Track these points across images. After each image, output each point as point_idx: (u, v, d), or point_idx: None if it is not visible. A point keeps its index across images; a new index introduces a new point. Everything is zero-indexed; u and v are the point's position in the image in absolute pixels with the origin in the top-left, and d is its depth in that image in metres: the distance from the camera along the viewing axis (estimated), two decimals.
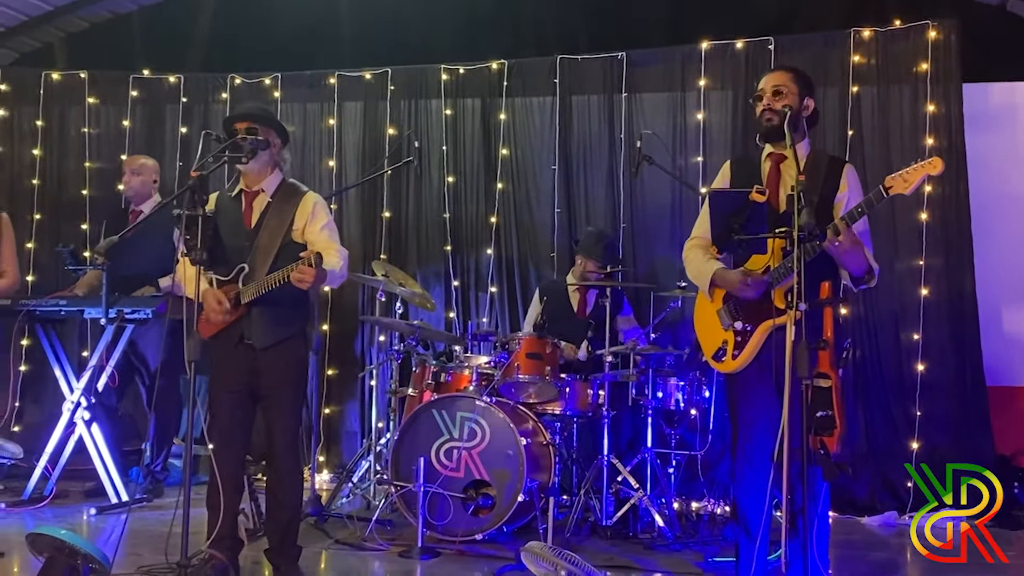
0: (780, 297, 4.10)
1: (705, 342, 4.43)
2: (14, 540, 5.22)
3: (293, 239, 4.60)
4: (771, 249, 4.09)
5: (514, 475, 5.50)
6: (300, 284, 4.30)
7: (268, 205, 4.65)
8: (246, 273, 4.54)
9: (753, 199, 3.97)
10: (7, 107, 8.24)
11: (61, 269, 7.45)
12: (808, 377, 3.65)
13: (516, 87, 7.60)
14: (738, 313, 4.24)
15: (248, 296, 4.49)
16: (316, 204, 4.67)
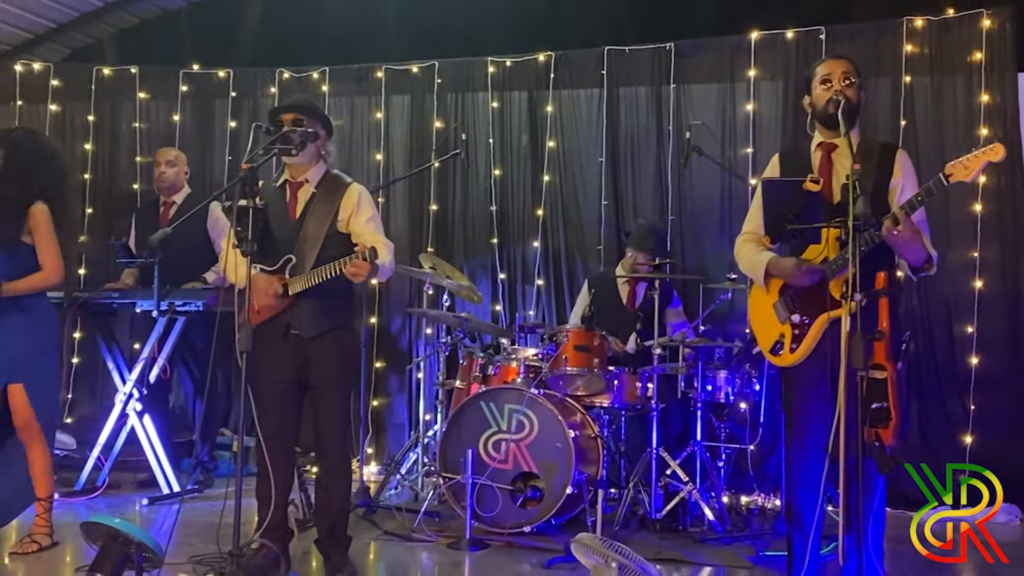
0: (838, 288, 4.04)
1: (761, 336, 4.39)
2: (68, 529, 5.29)
3: (338, 230, 4.61)
4: (826, 239, 4.03)
5: (562, 467, 5.49)
6: (354, 278, 4.32)
7: (313, 196, 4.66)
8: (293, 264, 4.55)
9: (807, 188, 3.92)
10: (59, 102, 8.34)
11: (112, 262, 7.54)
12: (863, 368, 3.60)
13: (563, 79, 7.58)
14: (795, 306, 4.19)
15: (297, 287, 4.50)
16: (361, 195, 4.68)
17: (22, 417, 4.98)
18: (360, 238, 4.55)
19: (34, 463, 5.07)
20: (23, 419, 4.98)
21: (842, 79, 4.18)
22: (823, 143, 4.26)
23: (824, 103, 4.19)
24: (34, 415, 5.00)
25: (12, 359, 4.96)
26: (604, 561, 3.82)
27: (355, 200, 4.65)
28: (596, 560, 3.88)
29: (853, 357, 3.58)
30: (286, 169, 4.74)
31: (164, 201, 7.08)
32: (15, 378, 4.95)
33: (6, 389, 4.96)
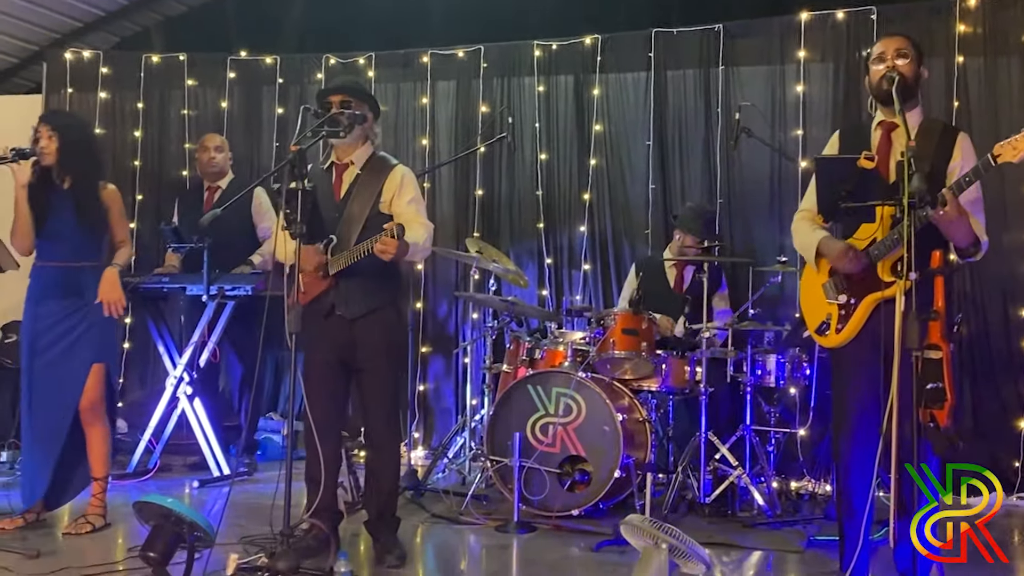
0: (886, 270, 3.99)
1: (809, 315, 4.34)
2: (120, 511, 5.34)
3: (381, 211, 4.62)
4: (880, 218, 3.97)
5: (610, 451, 5.47)
6: (382, 255, 4.32)
7: (357, 177, 4.68)
8: (335, 244, 4.57)
9: (861, 165, 3.86)
10: (109, 90, 8.41)
11: (162, 248, 7.60)
12: (918, 348, 3.55)
13: (610, 62, 7.52)
14: (843, 286, 4.14)
15: (336, 267, 4.52)
16: (404, 176, 4.69)
17: (92, 397, 5.04)
18: (400, 218, 4.55)
19: (93, 444, 5.13)
20: (93, 399, 5.05)
21: (895, 55, 4.11)
22: (883, 122, 4.19)
23: (878, 81, 4.11)
24: (103, 396, 5.07)
25: (98, 340, 5.06)
26: (654, 542, 3.80)
27: (398, 181, 4.66)
28: (646, 541, 3.86)
29: (908, 337, 3.53)
30: (333, 151, 4.76)
31: (209, 186, 7.14)
32: (100, 357, 5.04)
33: (89, 369, 5.03)
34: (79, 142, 5.13)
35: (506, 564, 4.81)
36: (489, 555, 4.96)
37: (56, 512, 5.36)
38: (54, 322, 5.05)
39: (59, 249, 5.09)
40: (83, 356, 5.02)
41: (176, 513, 4.03)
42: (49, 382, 5.04)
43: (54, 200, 5.08)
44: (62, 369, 5.02)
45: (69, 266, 5.05)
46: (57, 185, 5.10)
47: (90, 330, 5.04)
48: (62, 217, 5.05)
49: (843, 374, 4.24)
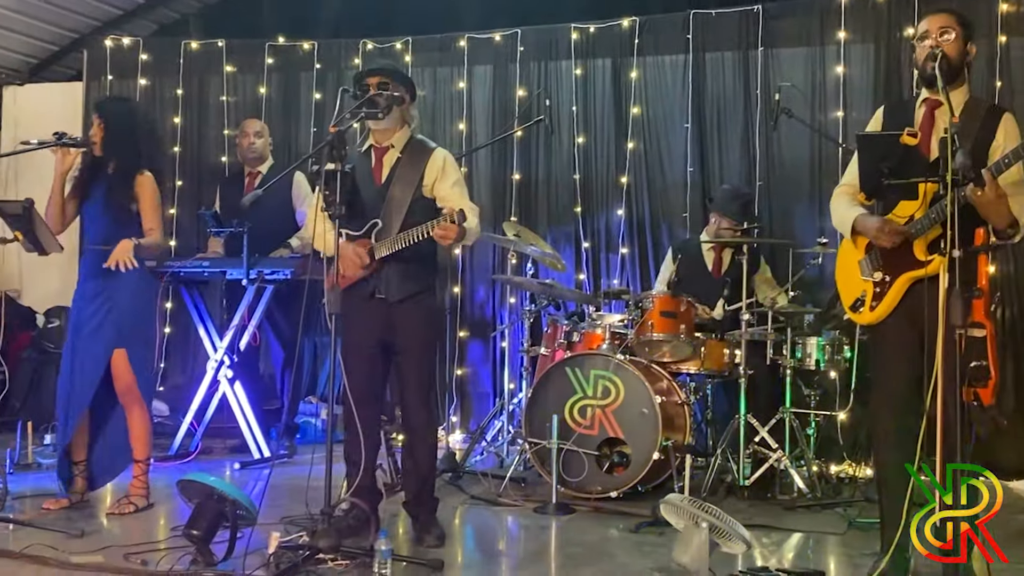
0: (922, 248, 3.94)
1: (845, 292, 4.31)
2: (162, 492, 5.41)
3: (423, 194, 4.64)
4: (922, 195, 3.93)
5: (649, 434, 5.46)
6: (442, 240, 4.35)
7: (398, 160, 4.68)
8: (379, 228, 4.58)
9: (904, 142, 3.82)
10: (148, 77, 8.47)
11: (202, 233, 7.66)
12: (962, 326, 3.51)
13: (648, 45, 7.48)
14: (879, 263, 4.11)
15: (383, 251, 4.53)
16: (446, 160, 4.70)
17: (124, 381, 5.09)
18: (446, 202, 4.57)
19: (133, 426, 5.19)
20: (125, 383, 5.10)
21: (939, 33, 4.06)
22: (927, 99, 4.14)
23: (923, 60, 4.07)
24: (135, 380, 5.12)
25: (119, 324, 5.09)
26: (694, 521, 3.79)
27: (440, 164, 4.67)
28: (686, 520, 3.85)
29: (952, 314, 3.49)
30: (371, 134, 4.76)
31: (249, 171, 7.19)
32: (121, 343, 5.08)
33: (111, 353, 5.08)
34: (122, 129, 5.18)
35: (545, 545, 4.82)
36: (528, 536, 4.97)
37: (99, 493, 5.43)
38: (85, 304, 5.14)
39: (94, 232, 5.18)
40: (105, 340, 5.08)
41: (219, 491, 4.08)
42: (73, 365, 5.12)
43: (95, 185, 5.16)
44: (82, 353, 5.09)
45: (99, 249, 5.11)
46: (103, 171, 5.17)
47: (111, 314, 5.08)
48: (98, 201, 5.14)
49: (879, 353, 4.22)
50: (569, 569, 4.34)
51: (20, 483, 5.64)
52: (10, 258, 8.58)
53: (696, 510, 3.79)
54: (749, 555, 4.32)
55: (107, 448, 5.30)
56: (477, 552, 4.74)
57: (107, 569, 4.09)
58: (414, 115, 4.83)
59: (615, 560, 4.45)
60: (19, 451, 6.32)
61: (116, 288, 5.10)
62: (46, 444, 6.69)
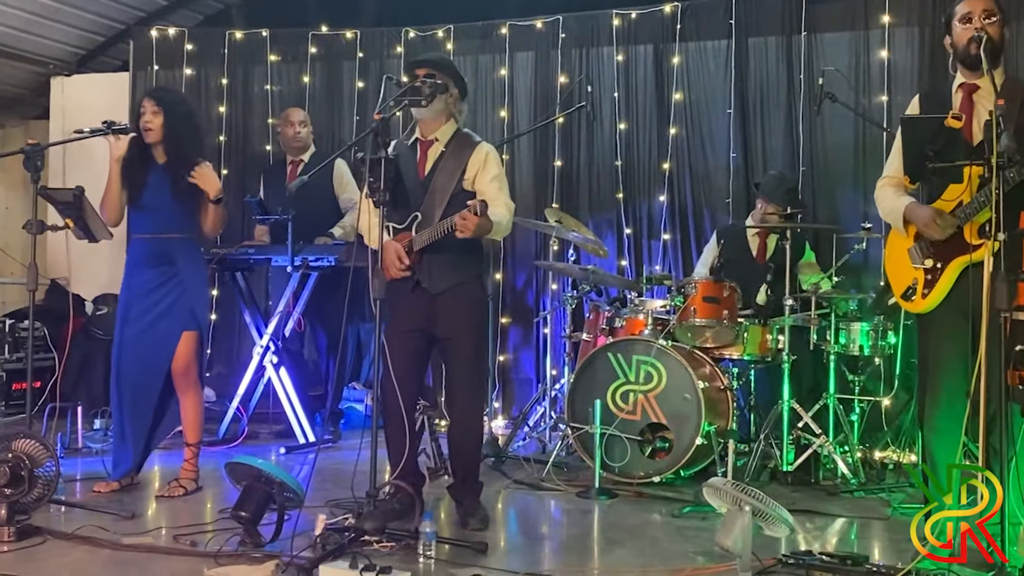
0: (973, 232, 3.92)
1: (895, 281, 4.29)
2: (210, 476, 5.49)
3: (464, 188, 4.66)
4: (967, 179, 3.90)
5: (692, 419, 5.47)
6: (462, 232, 4.35)
7: (442, 154, 4.71)
8: (419, 221, 4.62)
9: (948, 125, 3.80)
10: (193, 66, 8.56)
11: (247, 221, 7.75)
12: (1007, 309, 3.49)
13: (690, 30, 7.46)
14: (929, 250, 4.09)
15: (420, 244, 4.57)
16: (489, 154, 4.72)
17: (184, 363, 5.17)
18: (482, 196, 4.59)
19: (187, 410, 5.27)
20: (185, 365, 5.17)
21: (983, 16, 4.04)
22: (964, 84, 4.12)
23: (965, 42, 4.04)
24: (196, 363, 5.20)
25: (190, 308, 5.19)
26: (737, 505, 3.80)
27: (482, 158, 4.69)
28: (729, 504, 3.86)
29: (996, 298, 3.48)
30: (417, 127, 4.80)
31: (292, 160, 7.26)
32: (192, 325, 5.17)
33: (180, 336, 5.16)
34: (183, 118, 5.24)
35: (587, 529, 4.84)
36: (570, 520, 4.99)
37: (148, 477, 5.53)
38: (146, 292, 5.19)
39: (153, 221, 5.21)
40: (174, 324, 5.15)
41: (267, 474, 4.14)
42: (139, 351, 5.17)
43: (151, 174, 5.20)
44: (152, 338, 5.15)
45: (162, 237, 5.17)
46: (154, 160, 5.22)
47: (180, 299, 5.16)
48: (158, 191, 5.17)
49: (930, 339, 4.19)
50: (612, 553, 4.35)
51: (70, 467, 5.74)
52: (59, 247, 8.72)
53: (739, 493, 3.79)
54: (792, 539, 4.33)
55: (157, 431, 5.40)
56: (520, 535, 4.77)
57: (157, 550, 4.16)
58: (462, 110, 4.86)
59: (658, 544, 4.47)
60: (69, 435, 6.43)
61: (185, 271, 5.19)
62: (96, 429, 6.80)
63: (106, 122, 5.15)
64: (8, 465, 4.23)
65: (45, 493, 4.37)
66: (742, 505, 3.78)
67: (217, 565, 3.87)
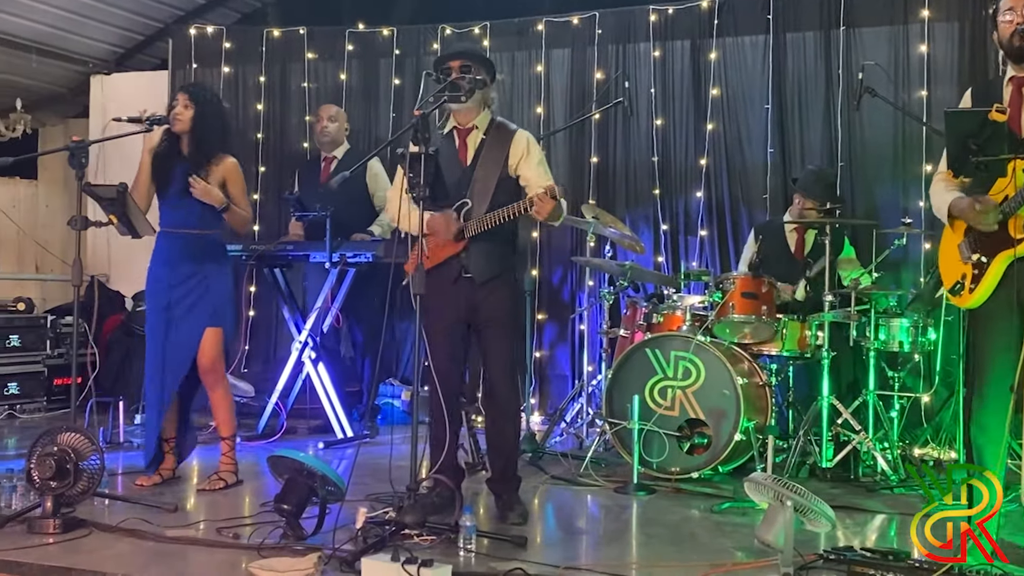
0: (1019, 227, 3.89)
1: (946, 276, 4.28)
2: (249, 470, 5.56)
3: (508, 175, 4.69)
4: (1012, 172, 3.87)
5: (730, 415, 5.46)
6: (538, 215, 4.40)
7: (482, 142, 4.73)
8: (468, 208, 4.63)
9: (993, 119, 3.76)
10: (232, 64, 8.62)
11: (284, 218, 7.81)
12: None
13: (727, 25, 7.43)
14: (976, 245, 4.06)
15: (473, 230, 4.58)
16: (529, 140, 4.76)
17: (210, 359, 5.21)
18: (530, 181, 4.64)
19: (218, 404, 5.32)
20: (210, 361, 5.22)
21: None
22: (1014, 77, 4.08)
23: (1008, 36, 4.01)
24: (221, 358, 5.25)
25: (214, 304, 5.22)
26: (779, 500, 3.79)
27: (524, 145, 4.72)
28: (770, 499, 3.85)
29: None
30: (452, 117, 4.81)
31: (325, 157, 7.31)
32: (216, 322, 5.21)
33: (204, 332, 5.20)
34: (211, 116, 5.28)
35: (626, 524, 4.84)
36: (608, 515, 5.00)
37: (188, 471, 5.59)
38: (172, 287, 5.23)
39: (179, 216, 5.26)
40: (198, 321, 5.19)
41: (308, 467, 4.17)
42: (163, 346, 5.22)
43: (178, 168, 5.24)
44: (177, 334, 5.20)
45: (187, 233, 5.22)
46: (182, 153, 5.27)
47: (205, 296, 5.20)
48: (183, 186, 5.20)
49: (978, 334, 4.17)
50: (651, 548, 4.35)
51: (112, 461, 5.78)
52: (100, 244, 8.82)
53: (781, 488, 3.78)
54: (832, 535, 4.31)
55: (190, 425, 5.47)
56: (559, 530, 4.78)
57: (200, 542, 4.20)
58: (493, 97, 4.87)
59: (697, 539, 4.46)
60: (111, 430, 6.50)
61: (210, 268, 5.23)
62: (137, 424, 6.87)
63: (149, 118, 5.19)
64: (54, 458, 4.28)
65: (90, 486, 4.42)
66: (784, 500, 3.77)
67: (260, 557, 3.91)
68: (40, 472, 4.29)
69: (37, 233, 9.78)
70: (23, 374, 7.81)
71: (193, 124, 5.21)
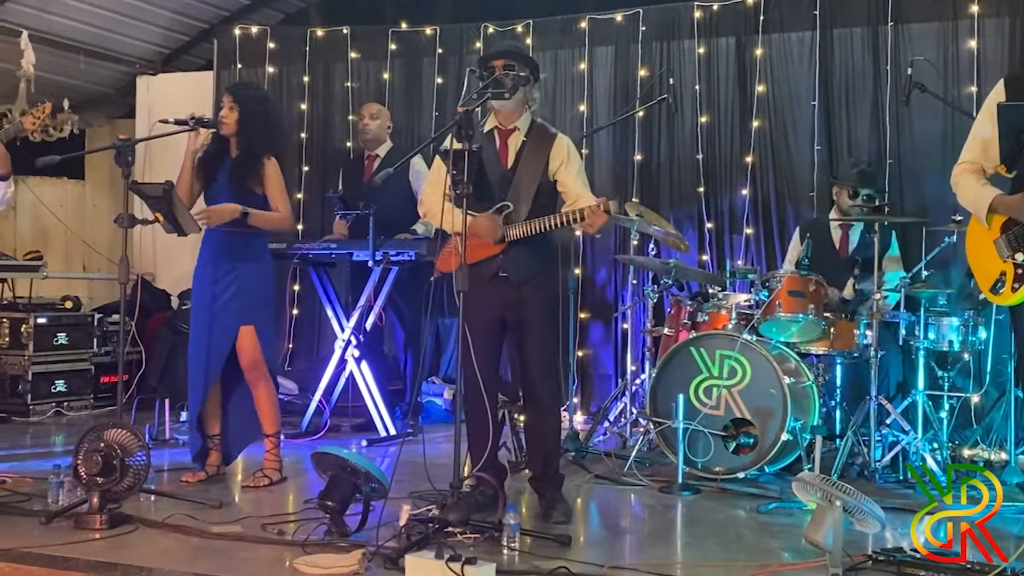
0: None
1: (980, 274, 4.20)
2: (293, 468, 5.59)
3: (548, 179, 4.67)
4: None
5: (777, 415, 5.39)
6: (588, 228, 4.42)
7: (523, 144, 4.71)
8: (510, 211, 4.61)
9: None
10: (276, 64, 8.66)
11: (327, 217, 7.83)
12: None
13: (773, 22, 7.35)
14: (1019, 244, 3.98)
15: (515, 235, 4.57)
16: (570, 147, 4.74)
17: (250, 357, 5.23)
18: (568, 188, 4.63)
19: (261, 402, 5.33)
20: (251, 359, 5.24)
21: None
22: None
23: None
24: (262, 356, 5.26)
25: (247, 302, 5.23)
26: (828, 500, 3.73)
27: (564, 151, 4.71)
28: (819, 499, 3.79)
29: None
30: (493, 116, 4.80)
31: (368, 155, 7.33)
32: (247, 320, 5.22)
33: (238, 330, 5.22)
34: (257, 114, 5.30)
35: (670, 523, 4.81)
36: (653, 515, 4.96)
37: (233, 467, 5.60)
38: (212, 283, 5.27)
39: None
40: (232, 319, 5.21)
41: (352, 464, 4.17)
42: (203, 343, 5.26)
43: (221, 168, 5.28)
44: (214, 330, 5.23)
45: (228, 231, 5.23)
46: (228, 154, 5.30)
47: (238, 294, 5.22)
48: (223, 184, 5.25)
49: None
50: (696, 548, 4.31)
51: (158, 458, 5.83)
52: (145, 243, 8.89)
53: (830, 488, 3.73)
54: (880, 536, 4.24)
55: (237, 423, 5.47)
56: (603, 529, 4.75)
57: (246, 539, 4.21)
58: (535, 97, 4.85)
59: (743, 539, 4.41)
60: (156, 427, 6.55)
61: (245, 267, 5.25)
62: (182, 421, 6.91)
63: (194, 117, 5.24)
64: (101, 454, 4.31)
65: (136, 482, 4.44)
66: (833, 500, 3.71)
67: (305, 554, 3.91)
68: (87, 468, 4.33)
69: (84, 232, 9.90)
70: (70, 372, 7.88)
71: (238, 127, 5.24)
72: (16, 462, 5.83)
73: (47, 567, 3.80)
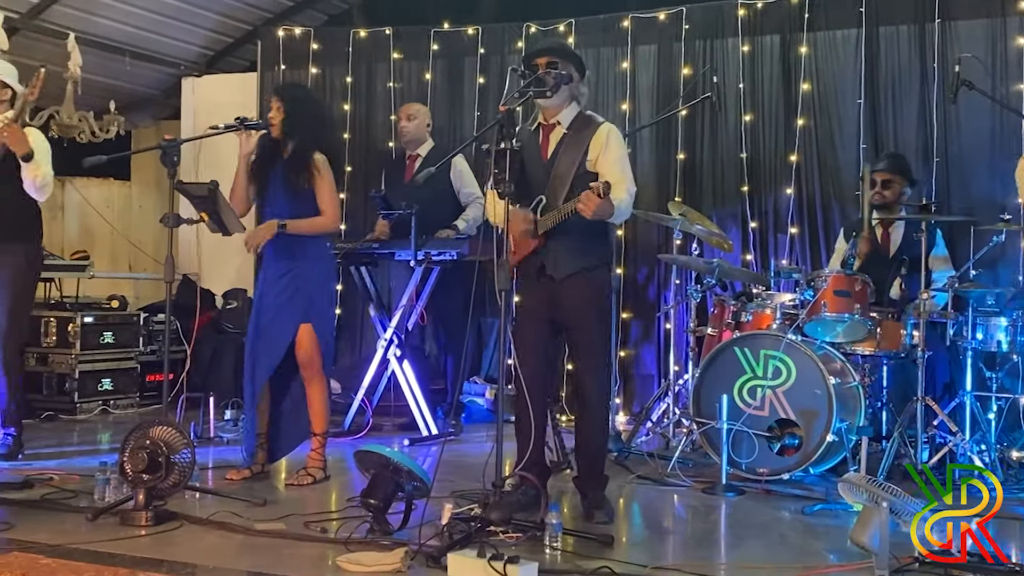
0: None
1: None
2: (336, 466, 5.61)
3: (588, 169, 4.63)
4: None
5: (822, 415, 5.34)
6: (582, 212, 4.33)
7: (564, 136, 4.70)
8: (544, 204, 4.60)
9: None
10: (319, 65, 8.69)
11: (369, 216, 7.84)
12: None
13: (818, 20, 7.27)
14: None
15: (544, 226, 4.55)
16: (610, 134, 4.68)
17: (308, 355, 5.27)
18: (604, 176, 4.55)
19: (313, 400, 5.36)
20: (308, 356, 5.27)
21: None
22: None
23: None
24: (319, 354, 5.29)
25: (307, 301, 5.28)
26: (874, 501, 3.69)
27: (604, 139, 4.65)
28: (865, 500, 3.75)
29: None
30: (539, 112, 4.79)
31: (409, 154, 7.34)
32: (308, 318, 5.26)
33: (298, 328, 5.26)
34: (303, 114, 5.34)
35: (714, 524, 4.78)
36: (696, 516, 4.93)
37: (277, 466, 5.63)
38: (270, 285, 5.32)
39: (274, 215, 5.30)
40: (291, 317, 5.25)
41: (395, 462, 4.18)
42: (262, 342, 5.30)
43: (274, 169, 5.32)
44: (272, 330, 5.27)
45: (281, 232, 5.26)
46: (280, 155, 5.33)
47: (298, 293, 5.26)
48: (278, 185, 5.29)
49: None
50: (740, 549, 4.29)
51: (203, 455, 5.86)
52: (190, 243, 8.97)
53: (877, 489, 3.68)
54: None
55: (286, 422, 5.49)
56: (646, 530, 4.73)
57: (289, 536, 4.23)
58: (583, 91, 4.83)
59: (787, 541, 4.38)
60: (201, 425, 6.60)
61: (305, 266, 5.29)
62: (227, 419, 6.97)
63: (239, 118, 5.28)
64: (146, 452, 4.35)
65: (181, 479, 4.48)
66: (879, 501, 3.67)
67: (348, 551, 3.92)
68: (133, 465, 4.37)
69: (130, 233, 10.01)
70: (117, 370, 7.98)
71: (285, 128, 5.27)
72: (63, 459, 5.91)
73: (93, 563, 3.83)
